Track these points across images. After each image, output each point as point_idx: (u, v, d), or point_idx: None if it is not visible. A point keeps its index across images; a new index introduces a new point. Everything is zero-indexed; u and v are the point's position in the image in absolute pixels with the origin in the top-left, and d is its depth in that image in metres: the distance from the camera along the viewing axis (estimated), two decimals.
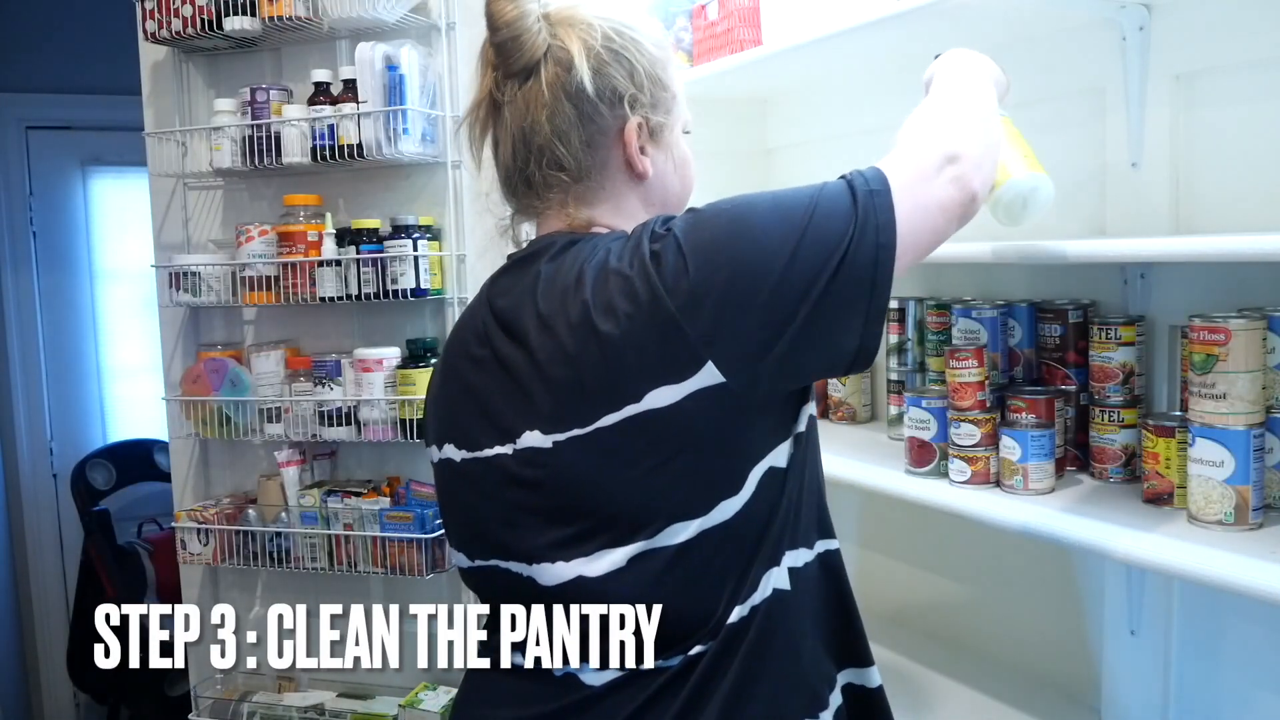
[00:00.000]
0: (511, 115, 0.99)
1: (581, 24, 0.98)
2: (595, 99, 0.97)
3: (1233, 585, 1.00)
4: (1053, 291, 1.51)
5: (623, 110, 0.99)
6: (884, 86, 1.82)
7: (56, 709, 3.64)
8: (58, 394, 3.66)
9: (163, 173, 2.05)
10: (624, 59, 0.99)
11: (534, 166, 0.99)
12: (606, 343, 0.88)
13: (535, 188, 1.01)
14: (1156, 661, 1.41)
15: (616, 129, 0.99)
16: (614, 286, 0.89)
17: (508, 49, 0.97)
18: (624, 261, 0.90)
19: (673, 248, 0.88)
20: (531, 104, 0.97)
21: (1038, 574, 1.61)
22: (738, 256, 0.87)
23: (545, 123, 0.97)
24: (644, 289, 0.87)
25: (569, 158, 0.98)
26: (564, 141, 0.98)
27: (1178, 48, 1.32)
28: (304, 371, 1.93)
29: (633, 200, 1.03)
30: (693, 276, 0.86)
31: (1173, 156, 1.35)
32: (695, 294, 0.86)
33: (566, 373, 0.91)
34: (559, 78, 0.97)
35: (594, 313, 0.89)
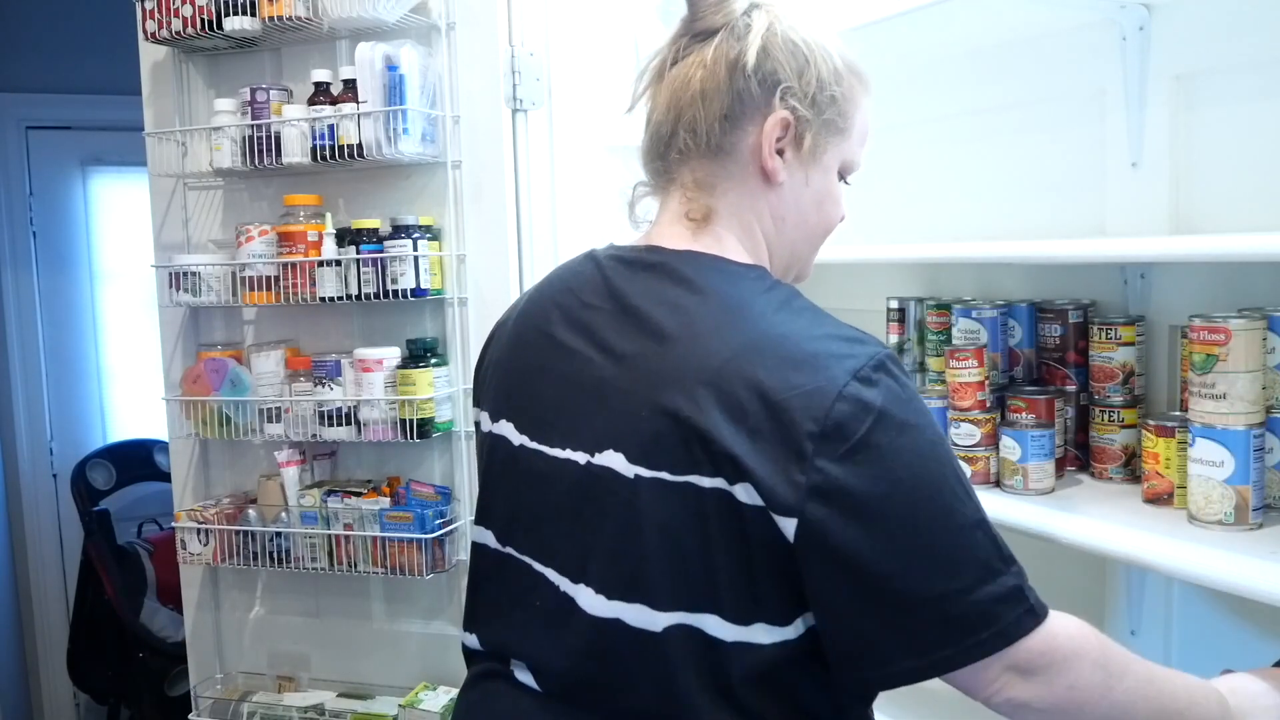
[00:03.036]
0: (678, 74, 0.96)
1: (781, 14, 0.96)
2: (750, 74, 0.93)
3: (1233, 585, 1.00)
4: (1053, 291, 1.51)
5: (774, 98, 0.94)
6: (884, 87, 1.82)
7: (56, 709, 3.63)
8: (58, 394, 3.66)
9: (163, 173, 2.05)
10: (800, 54, 0.95)
11: (674, 128, 0.96)
12: (731, 429, 0.83)
13: (669, 154, 0.98)
14: (1156, 661, 1.41)
15: (761, 115, 0.95)
16: (776, 407, 0.82)
17: (701, 5, 0.95)
18: (816, 393, 0.82)
19: (862, 462, 0.81)
20: (696, 65, 0.95)
21: (1037, 574, 1.60)
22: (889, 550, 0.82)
23: (697, 83, 0.94)
24: (799, 447, 0.81)
25: (703, 123, 0.95)
26: (705, 105, 0.94)
27: (1178, 48, 1.33)
28: (304, 371, 1.93)
29: (759, 203, 0.98)
30: (845, 495, 0.81)
31: (1173, 156, 1.35)
32: (830, 500, 0.81)
33: (680, 422, 0.85)
34: (729, 46, 0.94)
35: (740, 397, 0.83)
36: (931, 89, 1.72)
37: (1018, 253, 1.34)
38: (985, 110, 1.64)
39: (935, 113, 1.72)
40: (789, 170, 0.97)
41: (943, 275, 1.72)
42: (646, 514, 0.87)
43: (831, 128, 0.98)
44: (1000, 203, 1.64)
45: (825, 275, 1.67)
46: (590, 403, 0.92)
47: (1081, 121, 1.48)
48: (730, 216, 0.97)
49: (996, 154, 1.64)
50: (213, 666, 2.16)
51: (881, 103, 1.83)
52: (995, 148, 1.64)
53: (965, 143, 1.69)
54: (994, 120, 1.63)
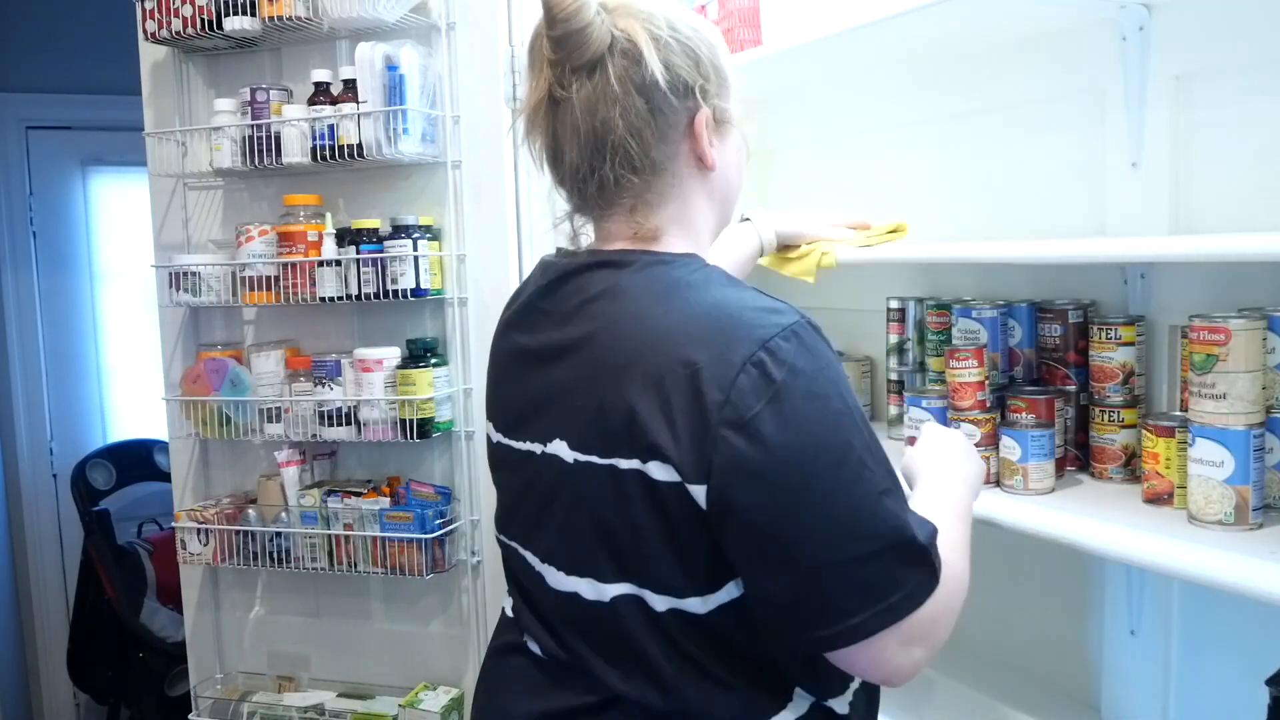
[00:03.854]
0: (577, 112, 0.95)
1: (641, 14, 0.95)
2: (667, 91, 0.95)
3: (1233, 585, 1.00)
4: (1053, 291, 1.51)
5: (692, 101, 0.97)
6: (884, 87, 1.82)
7: (56, 709, 3.64)
8: (58, 394, 3.66)
9: (163, 173, 2.05)
10: (689, 48, 0.97)
11: (607, 167, 0.96)
12: (652, 412, 0.87)
13: (605, 189, 0.98)
14: (1156, 661, 1.41)
15: (686, 121, 0.98)
16: (686, 381, 0.85)
17: (571, 42, 0.93)
18: (720, 365, 0.85)
19: (763, 430, 0.84)
20: (600, 100, 0.94)
21: (1037, 574, 1.61)
22: (792, 506, 0.85)
23: (618, 119, 0.94)
24: (705, 416, 0.84)
25: (641, 156, 0.96)
26: (637, 138, 0.95)
27: (1178, 48, 1.32)
28: (304, 371, 1.93)
29: (699, 196, 1.01)
30: (747, 462, 0.84)
31: (1173, 156, 1.35)
32: (734, 467, 0.84)
33: (607, 406, 0.90)
34: (627, 71, 0.94)
35: (664, 382, 0.86)
36: (931, 89, 1.72)
37: (1018, 253, 1.34)
38: (985, 110, 1.64)
39: (935, 113, 1.72)
40: (719, 152, 1.01)
41: (943, 275, 1.72)
42: (583, 496, 0.93)
43: (728, 93, 1.02)
44: (1000, 203, 1.64)
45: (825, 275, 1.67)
46: (542, 398, 0.98)
47: (1081, 121, 1.48)
48: (673, 224, 1.00)
49: (996, 154, 1.64)
50: (213, 666, 2.16)
51: (882, 103, 1.84)
52: (995, 148, 1.64)
53: (965, 143, 1.68)
54: (994, 120, 1.63)
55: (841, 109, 1.93)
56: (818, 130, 1.98)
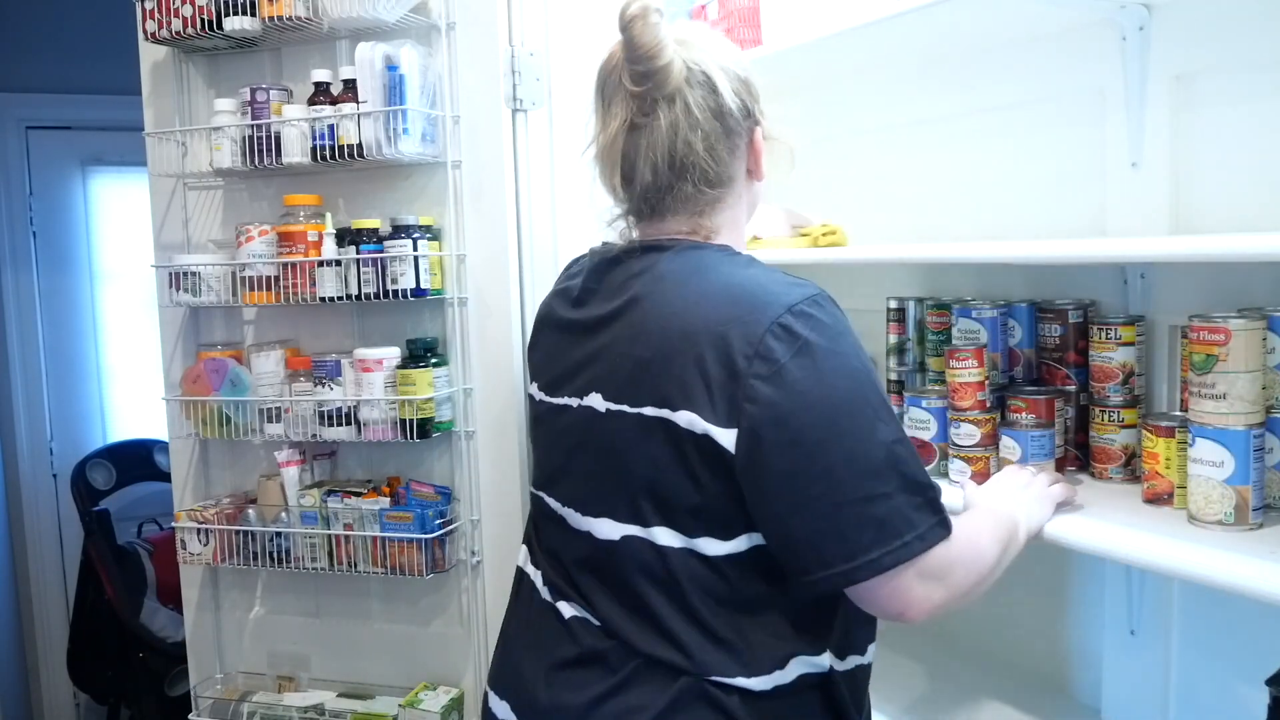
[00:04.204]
0: (657, 136, 1.08)
1: (707, 49, 1.10)
2: (737, 114, 1.10)
3: (1233, 585, 1.00)
4: (1053, 291, 1.51)
5: (751, 121, 1.14)
6: (884, 87, 1.82)
7: (56, 709, 3.64)
8: (58, 394, 3.66)
9: (163, 173, 2.05)
10: (743, 76, 1.13)
11: (687, 184, 1.10)
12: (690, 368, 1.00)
13: (681, 201, 1.11)
14: (1156, 661, 1.41)
15: (747, 139, 1.14)
16: (718, 339, 0.98)
17: (656, 74, 1.06)
18: (751, 325, 0.98)
19: (789, 380, 0.96)
20: (680, 124, 1.08)
21: (1037, 574, 1.61)
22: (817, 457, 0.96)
23: (700, 143, 1.08)
24: (735, 369, 0.97)
25: (716, 173, 1.10)
26: (714, 158, 1.10)
27: (1178, 48, 1.33)
28: (304, 371, 1.93)
29: (745, 200, 1.18)
30: (773, 408, 0.96)
31: (1173, 156, 1.35)
32: (761, 414, 0.96)
33: (641, 363, 1.04)
34: (705, 99, 1.08)
35: (701, 343, 0.99)
36: (931, 89, 1.72)
37: (1018, 253, 1.34)
38: (985, 110, 1.64)
39: (935, 113, 1.72)
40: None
41: (943, 275, 1.72)
42: (610, 441, 1.06)
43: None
44: (1000, 203, 1.64)
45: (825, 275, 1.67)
46: (584, 360, 1.13)
47: (1081, 121, 1.48)
48: (726, 225, 1.15)
49: (996, 154, 1.64)
50: (213, 666, 2.16)
51: (881, 103, 1.84)
52: (995, 148, 1.64)
53: (965, 143, 1.69)
54: (994, 120, 1.63)
55: (841, 109, 1.93)
56: (817, 130, 1.98)
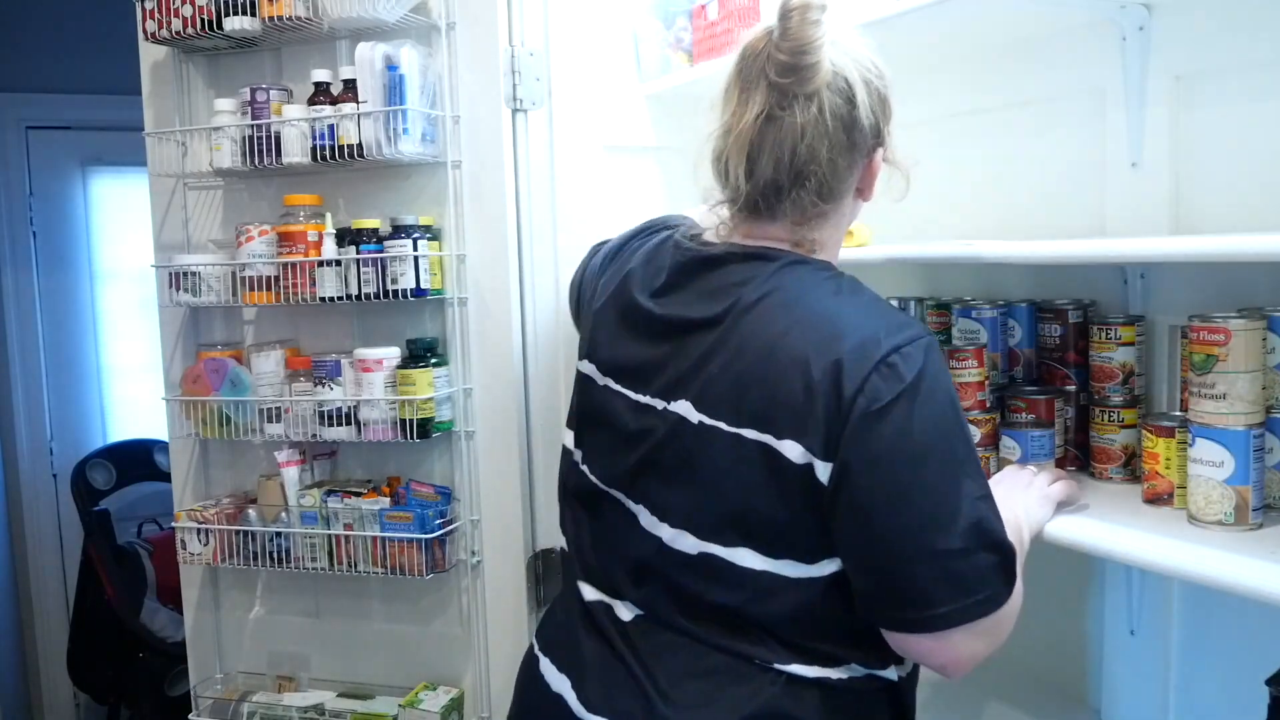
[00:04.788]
0: (786, 133, 1.02)
1: (856, 54, 1.04)
2: (866, 132, 1.05)
3: (1233, 585, 1.00)
4: (1053, 291, 1.51)
5: (876, 140, 1.08)
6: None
7: (56, 709, 3.64)
8: (58, 394, 3.66)
9: (163, 173, 2.05)
10: (881, 94, 1.07)
11: (795, 187, 1.04)
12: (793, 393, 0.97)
13: (784, 203, 1.06)
14: (1156, 661, 1.41)
15: (867, 158, 1.08)
16: (825, 369, 0.96)
17: (803, 69, 1.01)
18: (858, 361, 0.96)
19: (888, 422, 0.95)
20: (809, 127, 1.02)
21: (1037, 574, 1.60)
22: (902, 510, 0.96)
23: (823, 150, 1.02)
24: (840, 403, 0.95)
25: (832, 186, 1.05)
26: (834, 171, 1.04)
27: (1178, 48, 1.33)
28: (304, 371, 1.93)
29: (846, 219, 1.13)
30: (871, 448, 0.95)
31: (1173, 156, 1.35)
32: (859, 452, 0.96)
33: (745, 382, 1.01)
34: (840, 108, 1.02)
35: (810, 365, 0.97)
36: (931, 89, 1.72)
37: (1018, 253, 1.34)
38: (985, 110, 1.64)
39: (935, 113, 1.72)
40: None
41: (943, 275, 1.72)
42: (701, 455, 1.03)
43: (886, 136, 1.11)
44: (1000, 203, 1.64)
45: None
46: (671, 361, 1.07)
47: (1081, 121, 1.48)
48: (827, 239, 1.10)
49: (996, 154, 1.64)
50: (213, 666, 2.16)
51: None
52: (995, 148, 1.64)
53: (965, 143, 1.69)
54: (994, 120, 1.63)
55: None
56: None
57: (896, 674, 1.07)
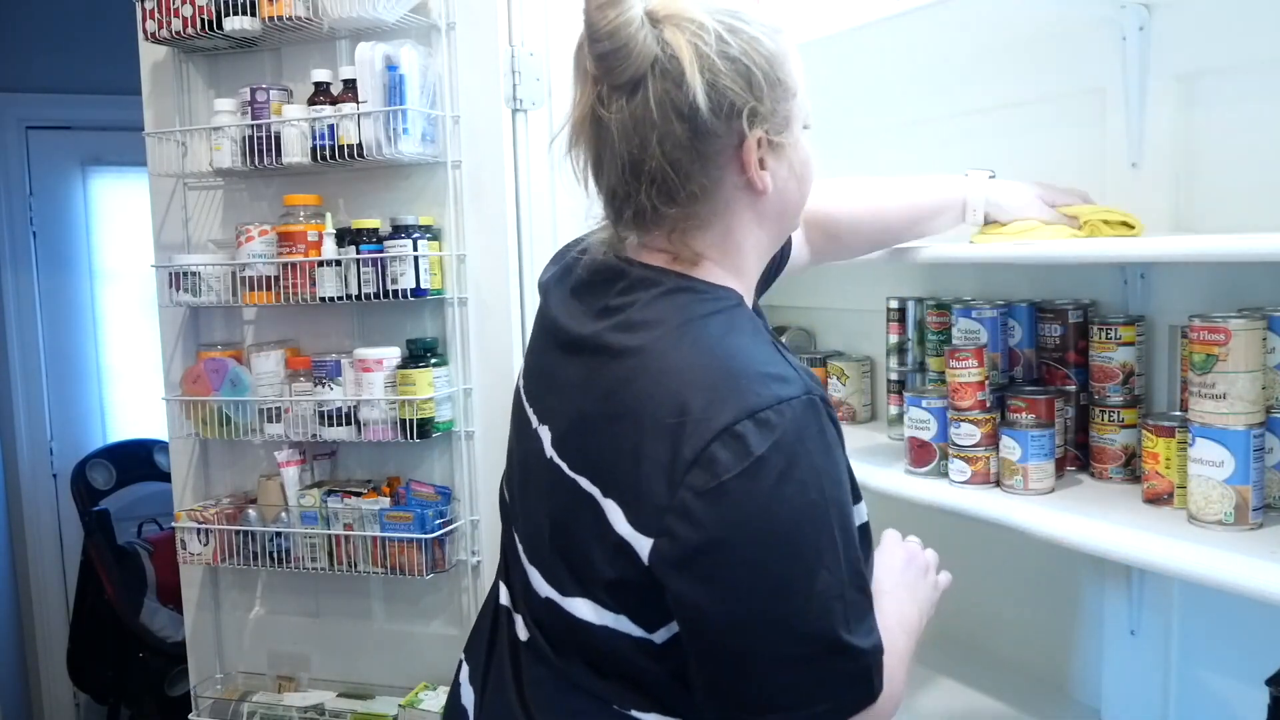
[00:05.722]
0: (617, 134, 0.88)
1: (690, 23, 0.85)
2: (710, 116, 0.86)
3: (1233, 585, 1.00)
4: (1053, 291, 1.51)
5: (740, 125, 0.88)
6: (883, 87, 1.82)
7: (56, 709, 3.64)
8: (58, 394, 3.66)
9: (163, 173, 2.05)
10: (740, 64, 0.87)
11: (643, 196, 0.89)
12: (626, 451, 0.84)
13: (641, 215, 0.91)
14: (1156, 661, 1.41)
15: (733, 146, 0.89)
16: (664, 431, 0.81)
17: (610, 60, 0.86)
18: (702, 424, 0.80)
19: (726, 501, 0.79)
20: (639, 123, 0.86)
21: (1037, 574, 1.61)
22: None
23: (655, 146, 0.86)
24: (673, 472, 0.80)
25: (680, 187, 0.88)
26: (676, 168, 0.87)
27: (1178, 48, 1.32)
28: (304, 371, 1.93)
29: (747, 219, 0.94)
30: (695, 532, 0.80)
31: (1173, 156, 1.35)
32: (681, 535, 0.81)
33: (587, 420, 0.90)
34: (668, 93, 0.85)
35: (643, 428, 0.83)
36: (932, 89, 1.72)
37: (1018, 253, 1.34)
38: (985, 110, 1.64)
39: (935, 113, 1.72)
40: (773, 174, 0.93)
41: (943, 275, 1.72)
42: (550, 492, 0.92)
43: (789, 107, 0.93)
44: None
45: (826, 275, 1.67)
46: (549, 379, 0.98)
47: (1081, 121, 1.48)
48: (715, 250, 0.93)
49: (997, 154, 1.63)
50: (213, 666, 2.16)
51: (881, 103, 1.84)
52: (995, 148, 1.64)
53: (965, 142, 1.68)
54: (994, 120, 1.63)
55: (841, 109, 1.92)
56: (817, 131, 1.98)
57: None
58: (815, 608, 0.81)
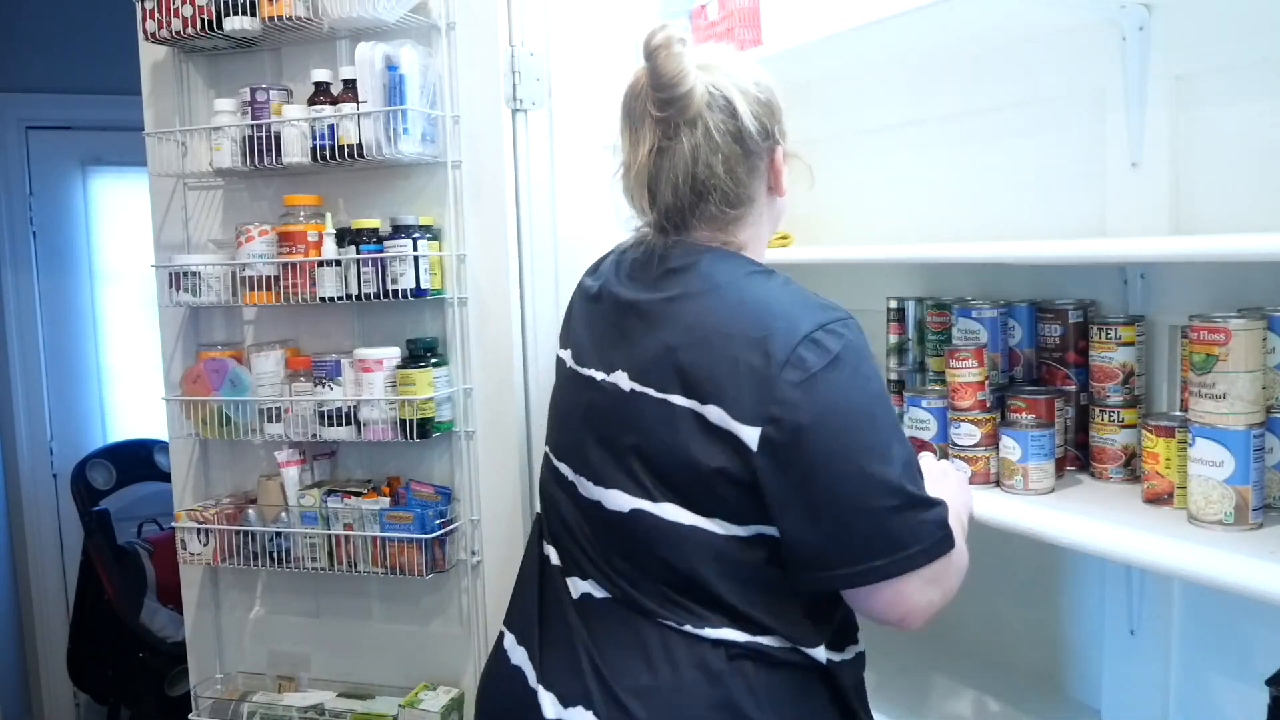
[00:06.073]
0: (679, 159, 1.12)
1: (728, 73, 1.13)
2: (756, 137, 1.13)
3: (1233, 585, 1.00)
4: (1053, 291, 1.51)
5: (771, 141, 1.17)
6: (884, 87, 1.82)
7: (56, 709, 3.64)
8: (58, 394, 3.66)
9: (163, 173, 2.05)
10: (766, 101, 1.16)
11: (711, 205, 1.13)
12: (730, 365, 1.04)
13: (701, 219, 1.15)
14: (1156, 661, 1.41)
15: (768, 159, 1.17)
16: (755, 343, 1.03)
17: (679, 101, 1.10)
18: (787, 335, 1.02)
19: (818, 388, 1.01)
20: (701, 148, 1.11)
21: (1037, 574, 1.61)
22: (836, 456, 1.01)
23: (720, 165, 1.12)
24: (769, 371, 1.01)
25: (736, 194, 1.14)
26: (734, 179, 1.13)
27: (1178, 48, 1.33)
28: (304, 371, 1.93)
29: (767, 216, 1.21)
30: (800, 413, 1.00)
31: (1173, 156, 1.35)
32: (787, 417, 1.01)
33: (673, 350, 1.08)
34: (725, 124, 1.12)
35: (738, 342, 1.04)
36: (932, 89, 1.72)
37: (1018, 253, 1.34)
38: (986, 110, 1.64)
39: (935, 113, 1.72)
40: (785, 177, 1.20)
41: (943, 275, 1.72)
42: (633, 419, 1.10)
43: (784, 127, 1.20)
44: (1000, 203, 1.64)
45: (826, 275, 1.67)
46: (615, 337, 1.17)
47: (1081, 121, 1.48)
48: (748, 240, 1.18)
49: (997, 154, 1.64)
50: (213, 666, 2.16)
51: (881, 103, 1.84)
52: (996, 148, 1.64)
53: (965, 143, 1.69)
54: (994, 120, 1.63)
55: (841, 109, 1.93)
56: (817, 130, 1.98)
57: (825, 657, 1.09)
58: (897, 468, 1.01)
